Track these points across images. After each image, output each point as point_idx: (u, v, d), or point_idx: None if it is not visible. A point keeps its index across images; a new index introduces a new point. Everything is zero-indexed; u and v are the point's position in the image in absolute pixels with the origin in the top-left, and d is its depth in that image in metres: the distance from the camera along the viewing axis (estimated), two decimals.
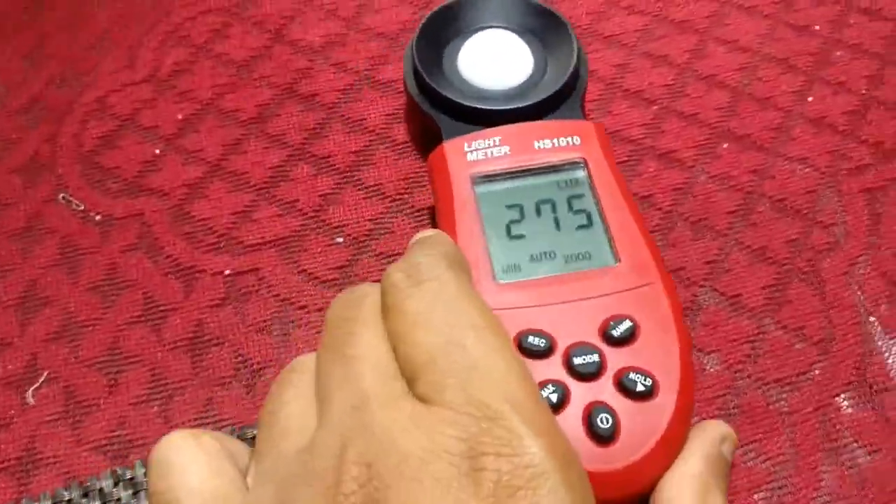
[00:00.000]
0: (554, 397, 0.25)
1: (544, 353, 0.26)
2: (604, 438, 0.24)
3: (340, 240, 0.35)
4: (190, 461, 0.19)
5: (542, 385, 0.25)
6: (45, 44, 0.41)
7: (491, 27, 0.36)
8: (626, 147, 0.37)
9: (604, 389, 0.25)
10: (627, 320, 0.26)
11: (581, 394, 0.25)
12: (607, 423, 0.24)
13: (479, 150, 0.31)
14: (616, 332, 0.26)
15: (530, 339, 0.26)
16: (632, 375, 0.25)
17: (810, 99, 0.38)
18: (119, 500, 0.29)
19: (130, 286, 0.34)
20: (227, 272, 0.34)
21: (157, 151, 0.37)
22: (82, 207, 0.36)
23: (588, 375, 0.25)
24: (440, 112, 0.33)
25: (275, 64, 0.39)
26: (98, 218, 0.35)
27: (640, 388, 0.25)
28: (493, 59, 0.35)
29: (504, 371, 0.19)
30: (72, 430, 0.30)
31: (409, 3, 0.41)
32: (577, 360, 0.25)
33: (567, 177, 0.31)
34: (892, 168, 0.36)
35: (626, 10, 0.41)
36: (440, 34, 0.36)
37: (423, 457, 0.17)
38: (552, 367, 0.25)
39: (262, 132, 0.37)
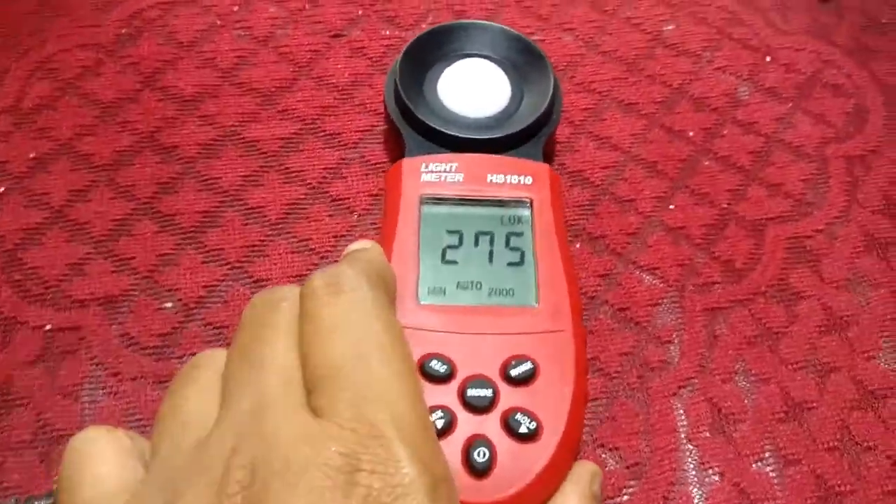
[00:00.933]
0: (440, 423, 0.25)
1: (443, 379, 0.27)
2: (478, 471, 0.25)
3: (170, 304, 0.33)
4: (100, 452, 0.20)
5: (432, 410, 0.26)
6: None
7: (475, 55, 0.36)
8: None
9: (489, 425, 0.26)
10: (529, 362, 0.27)
11: (467, 425, 0.26)
12: (484, 456, 0.25)
13: (434, 173, 0.32)
14: (515, 372, 0.27)
15: (433, 363, 0.27)
16: (518, 416, 0.26)
17: (672, 207, 0.37)
18: None
19: None
20: (47, 327, 0.32)
21: (2, 189, 0.35)
22: None
23: (478, 408, 0.26)
24: (409, 128, 0.34)
25: (141, 109, 0.38)
26: None
27: (523, 429, 0.26)
28: (470, 88, 0.35)
29: (399, 393, 0.20)
30: None
31: (289, 61, 0.40)
32: (471, 392, 0.26)
33: (511, 213, 0.31)
34: (738, 289, 0.35)
35: None
36: (428, 55, 0.36)
37: (304, 466, 0.18)
38: (447, 394, 0.26)
39: (112, 181, 0.36)
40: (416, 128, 0.33)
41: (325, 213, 0.36)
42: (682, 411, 0.32)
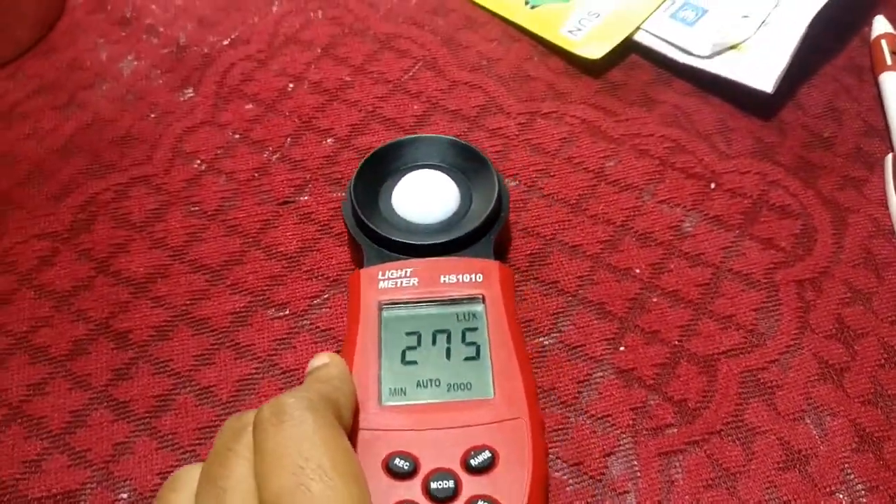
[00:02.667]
0: None
1: (407, 475, 0.31)
2: None
3: (125, 496, 0.36)
4: None
5: None
6: None
7: (424, 166, 0.42)
8: None
9: None
10: (487, 451, 0.31)
11: None
12: None
13: (391, 279, 0.37)
14: (475, 462, 0.31)
15: (397, 460, 0.31)
16: (480, 503, 0.30)
17: (622, 348, 0.39)
18: None
19: None
20: None
21: None
22: None
23: (442, 499, 0.30)
24: (367, 240, 0.39)
25: (94, 297, 0.41)
26: None
27: None
28: (421, 197, 0.40)
29: None
30: None
31: (238, 233, 0.43)
32: (434, 485, 0.30)
33: (465, 310, 0.36)
34: (693, 429, 0.37)
35: None
36: (380, 169, 0.41)
37: None
38: (412, 490, 0.31)
39: (69, 372, 0.39)
40: (373, 239, 0.38)
41: (276, 386, 0.38)
42: None
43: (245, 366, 0.39)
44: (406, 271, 0.37)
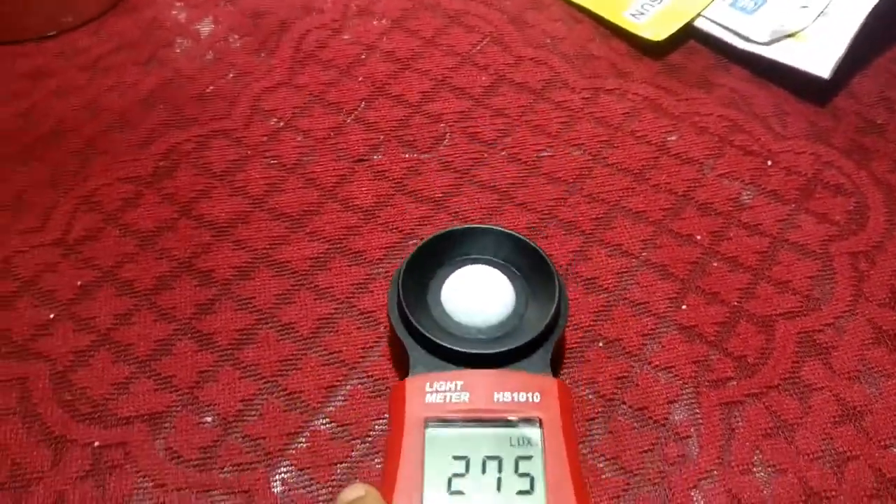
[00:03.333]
0: None
1: None
2: None
3: (210, 419, 0.38)
4: None
5: None
6: None
7: (478, 260, 0.39)
8: None
9: None
10: None
11: None
12: None
13: (439, 393, 0.34)
14: None
15: None
16: None
17: (684, 307, 0.42)
18: None
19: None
20: (96, 444, 0.37)
21: (51, 316, 0.41)
22: None
23: None
24: (414, 343, 0.36)
25: (178, 237, 0.43)
26: None
27: None
28: (474, 296, 0.37)
29: None
30: None
31: (316, 186, 0.46)
32: None
33: (520, 434, 0.33)
34: (751, 383, 0.39)
35: (519, 206, 0.45)
36: (430, 262, 0.38)
37: None
38: None
39: (154, 305, 0.41)
40: (421, 343, 0.35)
41: (354, 326, 0.41)
42: (701, 503, 0.36)
43: (325, 306, 0.41)
44: (456, 384, 0.34)
